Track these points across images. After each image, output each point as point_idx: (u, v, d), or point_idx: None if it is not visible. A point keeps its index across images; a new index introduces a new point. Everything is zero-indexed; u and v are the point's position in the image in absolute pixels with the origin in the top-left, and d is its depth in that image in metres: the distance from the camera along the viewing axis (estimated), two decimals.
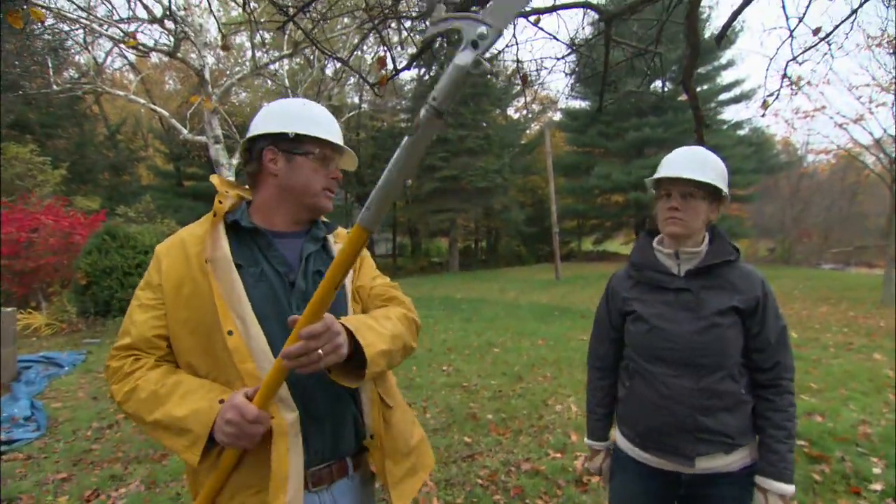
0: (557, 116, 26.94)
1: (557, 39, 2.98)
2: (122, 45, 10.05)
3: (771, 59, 2.87)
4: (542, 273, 19.74)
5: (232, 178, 9.94)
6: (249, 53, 11.73)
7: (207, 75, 9.28)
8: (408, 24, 3.67)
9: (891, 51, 11.47)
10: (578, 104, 25.54)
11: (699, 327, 1.39)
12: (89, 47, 11.01)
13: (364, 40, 4.20)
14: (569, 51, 3.38)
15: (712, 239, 1.48)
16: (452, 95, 0.72)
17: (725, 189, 1.44)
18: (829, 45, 2.91)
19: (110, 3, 9.03)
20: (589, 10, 2.55)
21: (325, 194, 1.23)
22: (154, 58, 15.29)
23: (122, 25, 8.81)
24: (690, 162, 1.42)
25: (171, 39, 9.35)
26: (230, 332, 1.05)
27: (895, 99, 12.43)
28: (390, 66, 2.79)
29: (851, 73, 27.18)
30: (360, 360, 1.04)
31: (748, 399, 1.43)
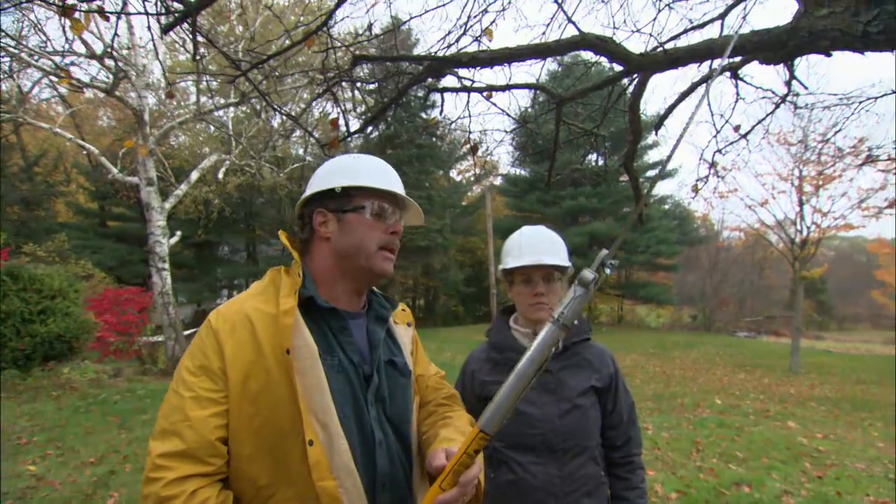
0: (498, 181, 28.17)
1: (509, 115, 3.16)
2: (52, 78, 9.51)
3: (703, 151, 3.22)
4: (478, 333, 19.75)
5: (162, 223, 9.40)
6: (193, 98, 11.49)
7: (147, 116, 8.93)
8: (360, 85, 3.76)
9: (787, 147, 13.38)
10: (518, 172, 27.00)
11: (562, 410, 1.37)
12: (15, 76, 10.36)
13: (316, 100, 4.25)
14: (517, 126, 3.58)
15: None
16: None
17: (570, 264, 1.49)
18: (748, 140, 3.31)
19: (44, 33, 8.64)
20: (539, 91, 2.74)
21: (382, 255, 1.04)
22: (88, 93, 14.57)
23: (55, 58, 8.38)
24: (546, 246, 1.47)
25: (110, 77, 8.98)
26: (310, 442, 0.88)
27: (791, 187, 14.19)
28: (343, 128, 2.80)
29: (757, 162, 30.59)
30: None
31: (606, 481, 1.42)
